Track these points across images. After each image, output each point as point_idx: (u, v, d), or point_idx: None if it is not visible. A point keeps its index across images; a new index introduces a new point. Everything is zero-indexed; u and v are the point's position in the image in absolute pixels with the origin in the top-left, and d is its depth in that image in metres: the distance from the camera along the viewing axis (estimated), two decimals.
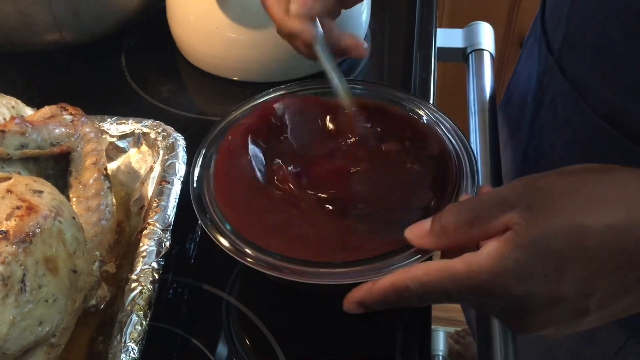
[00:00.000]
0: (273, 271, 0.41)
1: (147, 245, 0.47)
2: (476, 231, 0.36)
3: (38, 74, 0.71)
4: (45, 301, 0.36)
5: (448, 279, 0.35)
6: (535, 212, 0.34)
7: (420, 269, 0.36)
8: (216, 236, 0.43)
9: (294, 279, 0.41)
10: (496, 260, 0.34)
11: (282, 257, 0.42)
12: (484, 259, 0.34)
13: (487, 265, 0.34)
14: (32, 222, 0.37)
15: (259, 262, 0.42)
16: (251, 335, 0.48)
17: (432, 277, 0.35)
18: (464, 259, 0.35)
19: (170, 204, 0.50)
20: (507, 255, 0.33)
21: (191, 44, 0.70)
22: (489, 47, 0.81)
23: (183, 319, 0.49)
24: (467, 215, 0.36)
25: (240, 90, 0.68)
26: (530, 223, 0.34)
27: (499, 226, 0.35)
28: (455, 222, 0.36)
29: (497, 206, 0.35)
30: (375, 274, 0.40)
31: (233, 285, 0.51)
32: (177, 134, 0.56)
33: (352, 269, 0.41)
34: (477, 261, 0.34)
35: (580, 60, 0.52)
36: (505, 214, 0.34)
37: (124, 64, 0.73)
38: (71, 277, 0.38)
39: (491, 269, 0.34)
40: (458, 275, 0.35)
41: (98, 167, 0.49)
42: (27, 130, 0.45)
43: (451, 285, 0.35)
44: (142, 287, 0.44)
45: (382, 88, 0.54)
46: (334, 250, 0.42)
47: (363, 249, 0.42)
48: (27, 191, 0.38)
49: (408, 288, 0.36)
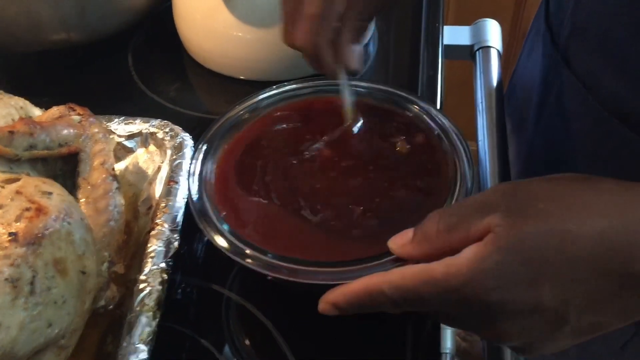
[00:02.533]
0: (272, 272, 0.41)
1: (156, 246, 0.47)
2: (457, 236, 0.35)
3: (45, 74, 0.72)
4: (55, 303, 0.36)
5: (426, 282, 0.34)
6: (517, 215, 0.33)
7: (396, 273, 0.35)
8: (213, 236, 0.43)
9: (293, 279, 0.41)
10: (475, 263, 0.33)
11: (281, 257, 0.42)
12: (463, 261, 0.33)
13: (465, 267, 0.33)
14: (42, 224, 0.36)
15: (258, 262, 0.41)
16: (260, 336, 0.48)
17: (409, 280, 0.34)
18: (444, 262, 0.34)
19: (178, 204, 0.50)
20: (487, 257, 0.33)
21: (198, 43, 0.70)
22: (496, 44, 0.80)
23: (192, 320, 0.49)
24: (448, 221, 0.35)
25: (247, 89, 0.67)
26: (511, 226, 0.33)
27: (480, 230, 0.34)
28: (436, 229, 0.36)
29: (478, 210, 0.34)
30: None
31: (241, 286, 0.51)
32: (184, 133, 0.56)
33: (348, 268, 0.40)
34: (456, 263, 0.33)
35: (587, 54, 0.52)
36: (486, 217, 0.34)
37: (131, 64, 0.73)
38: (80, 279, 0.38)
39: (470, 270, 0.33)
40: (436, 278, 0.34)
41: (106, 167, 0.49)
42: (35, 131, 0.45)
43: (428, 288, 0.34)
44: (150, 288, 0.44)
45: (385, 89, 0.54)
46: (331, 250, 0.42)
47: (360, 250, 0.42)
48: (36, 192, 0.38)
49: (383, 292, 0.35)
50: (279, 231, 0.44)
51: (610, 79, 0.49)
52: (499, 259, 0.32)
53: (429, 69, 0.69)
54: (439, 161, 0.47)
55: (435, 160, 0.47)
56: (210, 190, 0.46)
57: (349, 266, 0.41)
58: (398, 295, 0.35)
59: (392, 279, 0.35)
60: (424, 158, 0.48)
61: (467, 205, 0.35)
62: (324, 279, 0.40)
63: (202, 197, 0.46)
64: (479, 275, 0.33)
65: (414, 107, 0.52)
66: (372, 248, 0.41)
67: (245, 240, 0.43)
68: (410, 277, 0.34)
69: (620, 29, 0.47)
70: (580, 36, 0.53)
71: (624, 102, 0.48)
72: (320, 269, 0.41)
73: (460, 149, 0.47)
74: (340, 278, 0.40)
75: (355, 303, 0.37)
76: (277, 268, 0.41)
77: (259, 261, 0.42)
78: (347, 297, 0.37)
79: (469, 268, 0.33)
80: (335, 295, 0.37)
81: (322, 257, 0.42)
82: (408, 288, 0.34)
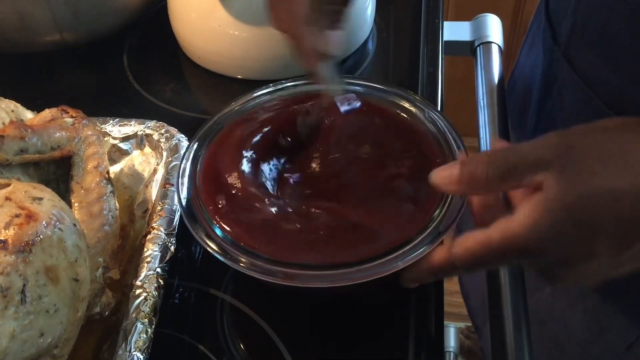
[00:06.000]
0: (267, 276, 0.40)
1: (152, 250, 0.46)
2: (507, 186, 0.37)
3: (38, 76, 0.71)
4: (47, 312, 0.35)
5: (488, 251, 0.36)
6: (570, 175, 0.34)
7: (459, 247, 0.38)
8: (205, 240, 0.42)
9: (288, 283, 0.40)
10: (530, 227, 0.35)
11: (275, 260, 0.40)
12: (518, 227, 0.35)
13: (522, 232, 0.35)
14: (32, 231, 0.35)
15: (252, 267, 0.40)
16: (260, 341, 0.47)
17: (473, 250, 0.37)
18: (499, 228, 0.36)
19: (174, 207, 0.49)
20: (541, 221, 0.34)
21: (193, 42, 0.69)
22: (497, 40, 0.79)
23: (189, 325, 0.48)
24: (500, 169, 0.36)
25: (243, 88, 0.67)
26: (565, 187, 0.34)
27: (532, 184, 0.35)
28: (487, 174, 0.37)
29: (531, 163, 0.35)
30: (369, 275, 0.39)
31: (238, 288, 0.50)
32: (180, 134, 0.55)
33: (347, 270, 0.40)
34: (512, 229, 0.35)
35: (588, 51, 0.51)
36: (539, 173, 0.35)
37: (126, 64, 0.72)
38: (73, 286, 0.37)
39: (526, 235, 0.35)
40: (498, 246, 0.36)
41: (100, 170, 0.48)
42: (26, 135, 0.44)
43: (493, 255, 0.37)
44: (146, 294, 0.43)
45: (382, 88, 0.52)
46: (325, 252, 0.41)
47: (357, 251, 0.41)
48: (26, 198, 0.37)
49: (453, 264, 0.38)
50: (273, 234, 0.43)
51: (610, 75, 0.48)
52: (552, 222, 0.34)
53: (429, 65, 0.68)
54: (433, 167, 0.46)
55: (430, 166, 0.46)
56: (201, 192, 0.45)
57: (346, 268, 0.40)
58: (467, 264, 0.38)
59: (457, 252, 0.38)
60: (419, 163, 0.46)
61: (520, 155, 0.36)
62: (321, 282, 0.39)
63: (192, 198, 0.45)
64: (535, 238, 0.35)
65: (409, 107, 0.50)
66: (368, 249, 0.40)
67: (238, 243, 0.42)
68: (471, 247, 0.37)
69: (618, 21, 0.46)
70: (580, 32, 0.52)
71: (626, 99, 0.48)
72: (317, 272, 0.40)
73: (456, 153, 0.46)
74: (338, 280, 0.39)
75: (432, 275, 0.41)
76: (272, 272, 0.40)
77: (254, 266, 0.40)
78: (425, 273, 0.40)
79: (525, 232, 0.35)
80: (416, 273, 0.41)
81: (318, 259, 0.40)
82: (473, 256, 0.37)
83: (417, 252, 0.40)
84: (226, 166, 0.46)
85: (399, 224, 0.41)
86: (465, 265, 0.38)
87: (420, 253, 0.39)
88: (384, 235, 0.41)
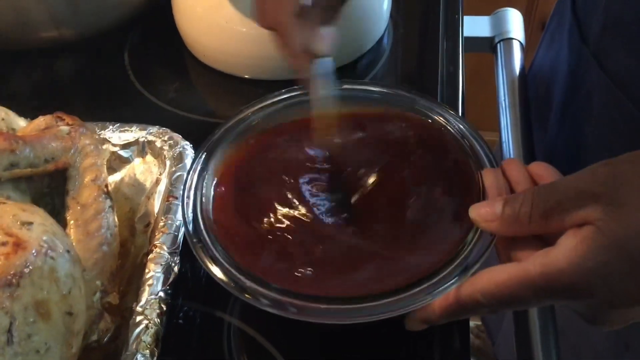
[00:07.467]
0: (277, 309, 0.36)
1: (154, 272, 0.43)
2: (552, 223, 0.34)
3: (33, 75, 0.68)
4: (37, 352, 0.32)
5: (524, 287, 0.33)
6: (621, 208, 0.32)
7: (486, 280, 0.34)
8: (209, 266, 0.38)
9: (302, 318, 0.36)
10: (577, 262, 0.32)
11: (287, 291, 0.37)
12: (562, 261, 0.32)
13: (566, 267, 0.32)
14: (20, 261, 0.32)
15: (260, 298, 0.37)
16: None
17: (504, 287, 0.34)
18: (538, 261, 0.33)
19: (178, 223, 0.46)
20: (589, 256, 0.32)
21: (199, 39, 0.66)
22: (519, 36, 0.76)
23: (194, 351, 0.45)
24: (544, 206, 0.34)
25: (252, 88, 0.64)
26: (616, 220, 0.31)
27: (577, 220, 0.33)
28: (530, 213, 0.34)
29: (577, 198, 0.33)
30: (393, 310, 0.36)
31: (245, 310, 0.47)
32: (185, 142, 0.52)
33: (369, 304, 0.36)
34: (555, 264, 0.32)
35: (621, 51, 0.49)
36: (586, 207, 0.32)
37: (127, 62, 0.69)
38: (66, 321, 0.34)
39: (572, 271, 0.32)
40: (533, 280, 0.33)
41: (98, 184, 0.44)
42: (17, 147, 0.40)
43: (526, 291, 0.33)
44: (147, 321, 0.40)
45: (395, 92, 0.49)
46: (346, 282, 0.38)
47: (380, 282, 0.37)
48: (14, 223, 0.33)
49: (478, 302, 0.35)
50: (285, 261, 0.39)
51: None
52: (602, 257, 0.31)
53: (449, 64, 0.64)
54: (466, 181, 0.42)
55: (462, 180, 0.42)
56: (208, 210, 0.42)
57: (364, 303, 0.36)
58: (495, 301, 0.34)
59: (485, 288, 0.34)
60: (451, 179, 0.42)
61: (565, 189, 0.34)
62: (335, 319, 0.36)
63: (197, 216, 0.41)
64: (582, 275, 0.32)
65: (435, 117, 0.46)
66: (387, 282, 0.37)
67: (246, 270, 0.38)
68: (504, 283, 0.34)
69: None
70: (612, 30, 0.50)
71: None
72: (332, 306, 0.36)
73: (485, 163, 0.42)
74: (354, 316, 0.36)
75: (447, 317, 0.37)
76: (282, 305, 0.36)
77: (262, 296, 0.37)
78: (438, 314, 0.37)
79: (570, 268, 0.32)
80: (426, 314, 0.37)
81: (333, 291, 0.37)
82: (504, 294, 0.34)
83: (446, 284, 0.36)
84: (244, 184, 0.42)
85: (425, 253, 0.38)
86: (494, 304, 0.34)
87: (449, 286, 0.36)
88: (408, 266, 0.37)
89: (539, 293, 0.33)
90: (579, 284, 0.32)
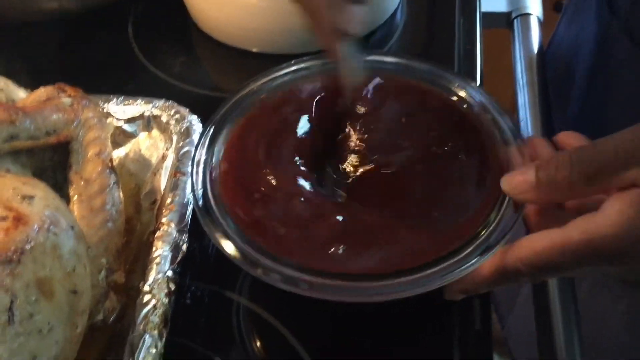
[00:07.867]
0: (290, 286, 0.35)
1: (161, 250, 0.41)
2: (594, 189, 0.32)
3: (34, 48, 0.66)
4: (39, 332, 0.30)
5: (567, 254, 0.32)
6: None
7: (525, 248, 0.33)
8: (220, 242, 0.37)
9: (314, 295, 0.34)
10: (623, 226, 0.30)
11: (302, 267, 0.35)
12: (609, 227, 0.31)
13: (612, 232, 0.31)
14: (21, 237, 0.30)
15: (274, 274, 0.35)
16: (281, 349, 0.42)
17: (545, 254, 0.33)
18: (581, 227, 0.32)
19: (185, 200, 0.44)
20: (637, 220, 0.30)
21: (206, 11, 0.64)
22: (536, 12, 0.73)
23: (202, 330, 0.43)
24: (584, 170, 0.32)
25: (260, 62, 0.62)
26: None
27: (621, 182, 0.31)
28: (569, 178, 0.32)
29: (620, 160, 0.31)
30: (413, 289, 0.34)
31: (255, 289, 0.45)
32: (192, 116, 0.50)
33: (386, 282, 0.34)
34: (599, 229, 0.31)
35: None
36: (631, 169, 0.31)
37: (132, 35, 0.67)
38: (70, 300, 0.32)
39: (617, 235, 0.31)
40: (579, 248, 0.32)
41: (102, 158, 0.42)
42: (17, 118, 0.38)
43: (571, 259, 0.32)
44: (155, 301, 0.38)
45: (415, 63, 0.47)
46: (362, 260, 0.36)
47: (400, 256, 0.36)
48: (14, 197, 0.32)
49: (519, 271, 0.34)
50: (300, 236, 0.37)
51: None
52: None
53: (466, 41, 0.62)
54: (489, 162, 0.40)
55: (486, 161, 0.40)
56: (218, 184, 0.40)
57: (387, 280, 0.34)
58: (536, 270, 0.33)
59: (524, 256, 0.33)
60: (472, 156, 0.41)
61: (606, 151, 0.32)
62: (355, 296, 0.34)
63: (207, 191, 0.39)
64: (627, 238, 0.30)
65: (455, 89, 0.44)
66: (411, 258, 0.35)
67: (259, 245, 0.36)
68: (544, 250, 0.32)
69: None
70: None
71: None
72: (348, 283, 0.34)
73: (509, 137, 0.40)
74: (376, 294, 0.34)
75: (487, 286, 0.36)
76: (296, 282, 0.35)
77: (276, 272, 0.35)
78: (478, 284, 0.36)
79: (616, 232, 0.30)
80: (465, 285, 0.36)
81: (349, 268, 0.35)
82: (545, 261, 0.33)
83: (468, 263, 0.34)
84: (253, 157, 0.40)
85: (447, 230, 0.36)
86: (534, 271, 0.33)
87: (471, 265, 0.34)
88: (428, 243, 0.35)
89: (581, 260, 0.32)
90: (624, 248, 0.31)
